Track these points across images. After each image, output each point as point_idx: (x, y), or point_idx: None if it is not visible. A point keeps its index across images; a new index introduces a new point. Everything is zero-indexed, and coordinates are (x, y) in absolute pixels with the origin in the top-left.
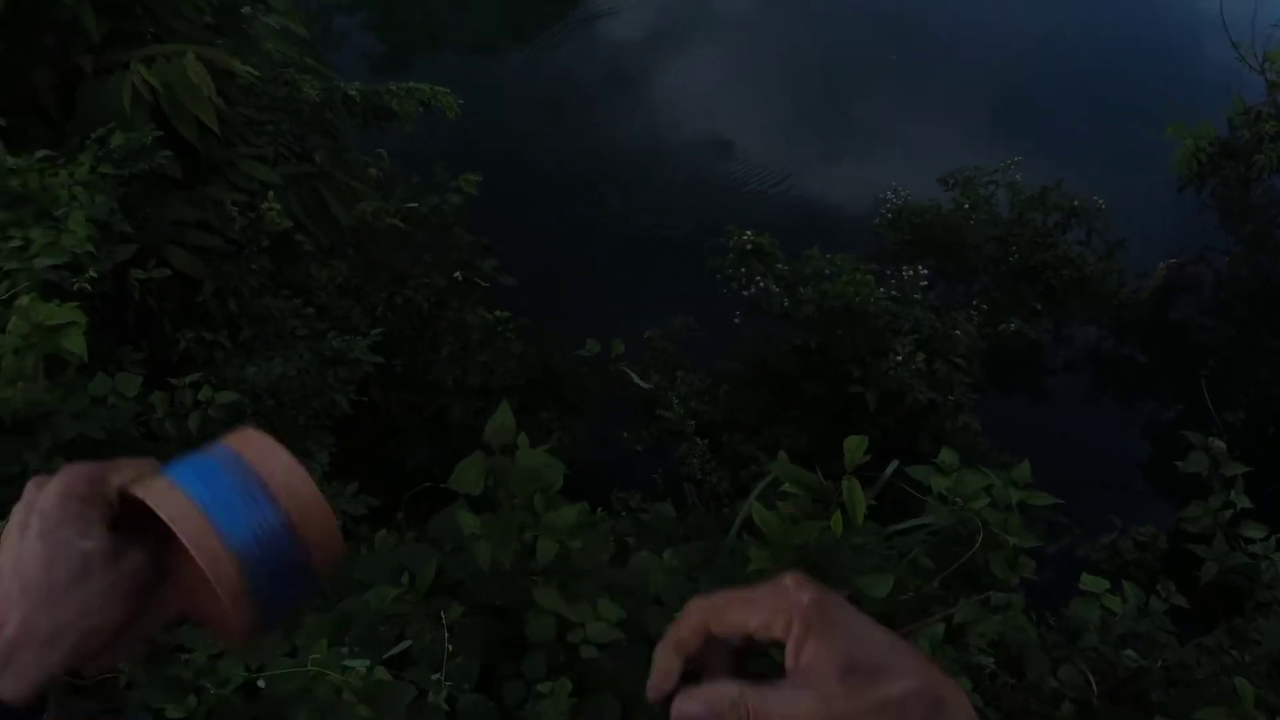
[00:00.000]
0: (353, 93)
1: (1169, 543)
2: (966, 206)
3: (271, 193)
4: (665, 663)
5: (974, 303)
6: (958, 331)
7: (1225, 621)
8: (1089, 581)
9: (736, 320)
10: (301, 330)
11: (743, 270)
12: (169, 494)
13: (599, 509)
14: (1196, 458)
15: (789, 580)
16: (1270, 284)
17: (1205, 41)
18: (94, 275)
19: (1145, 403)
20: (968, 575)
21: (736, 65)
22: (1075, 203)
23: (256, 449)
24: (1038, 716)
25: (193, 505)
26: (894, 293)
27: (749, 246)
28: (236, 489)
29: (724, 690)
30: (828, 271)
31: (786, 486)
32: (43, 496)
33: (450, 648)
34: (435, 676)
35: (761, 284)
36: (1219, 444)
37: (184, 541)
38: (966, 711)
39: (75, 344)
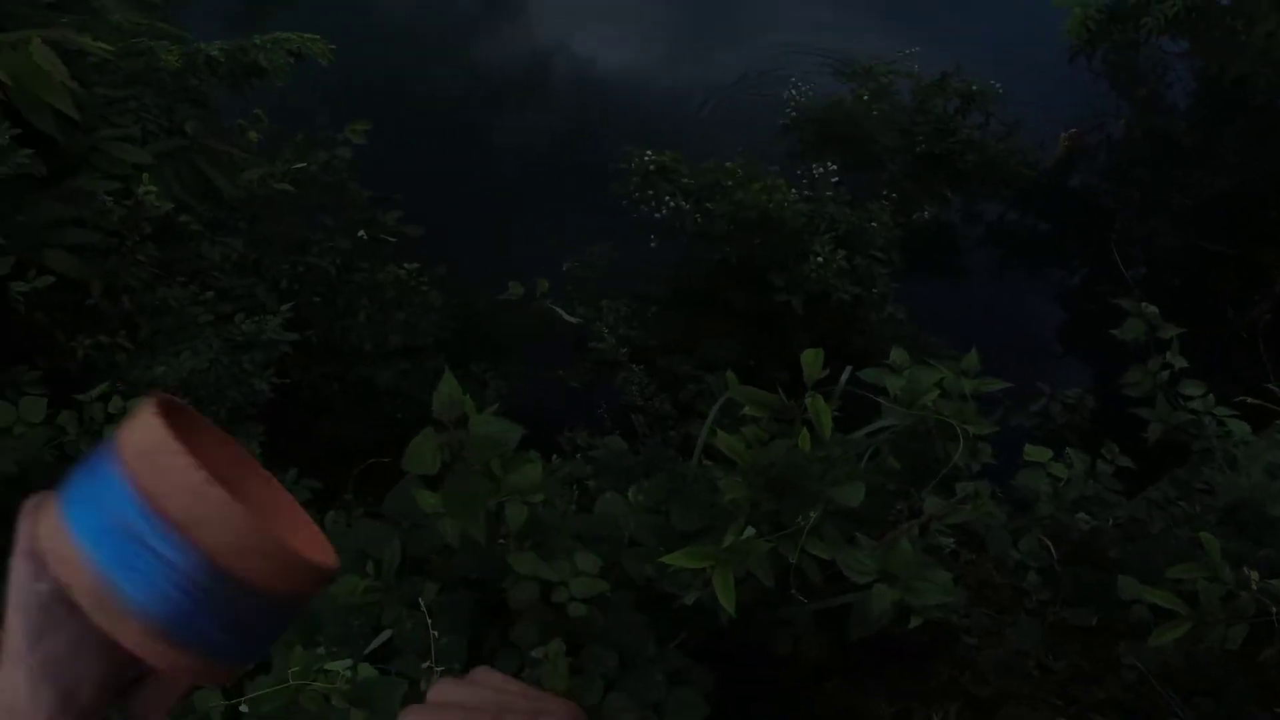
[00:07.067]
0: (215, 53)
1: (1096, 403)
2: (866, 98)
3: (146, 174)
4: None
5: (884, 193)
6: (874, 224)
7: (1169, 474)
8: (1032, 452)
9: (653, 244)
10: (204, 318)
11: (650, 192)
12: (61, 545)
13: (553, 455)
14: (1133, 324)
15: None
16: (1164, 143)
17: None
18: None
19: (1054, 270)
20: (931, 468)
21: None
22: (974, 88)
23: (134, 443)
24: (1005, 589)
25: (82, 561)
26: (807, 193)
27: (651, 167)
28: (130, 529)
29: None
30: (729, 183)
31: (747, 409)
32: (13, 539)
33: (435, 633)
34: (425, 664)
35: (671, 204)
36: (1152, 309)
37: (82, 607)
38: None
39: None
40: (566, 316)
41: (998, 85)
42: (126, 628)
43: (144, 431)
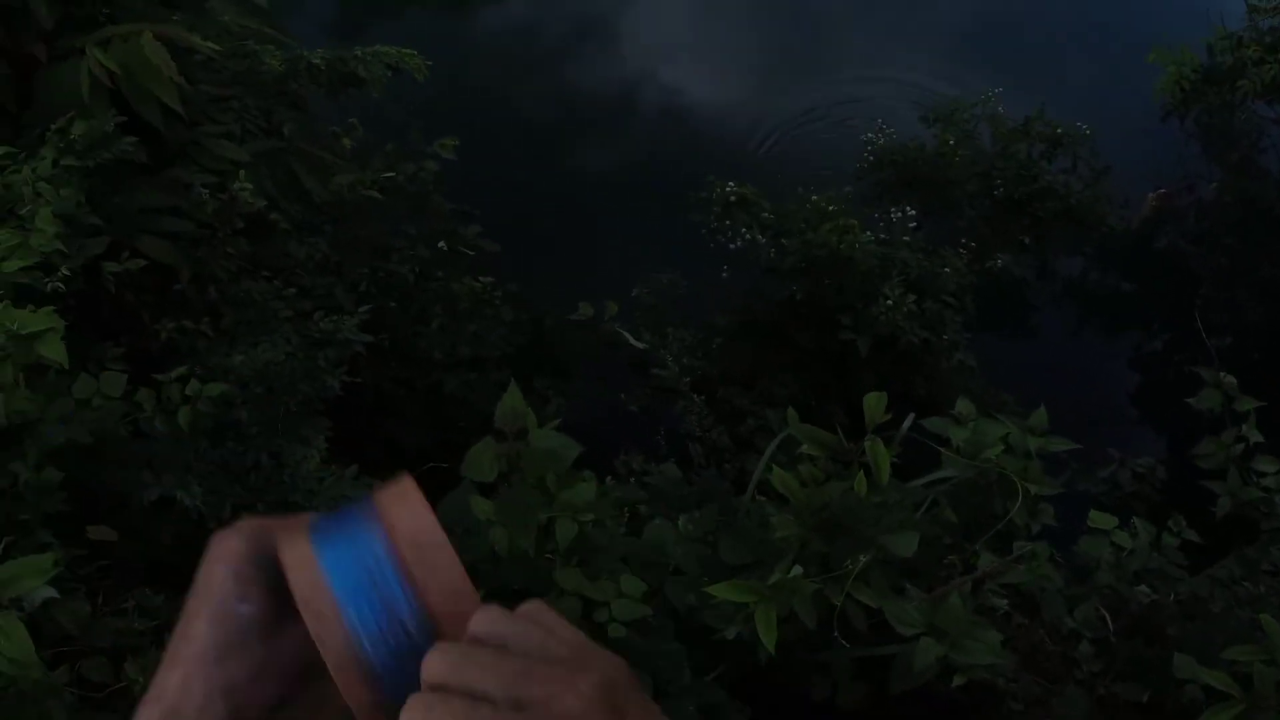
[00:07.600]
0: (317, 61)
1: (1166, 473)
2: (951, 143)
3: (242, 171)
4: None
5: (962, 240)
6: (946, 270)
7: (1236, 551)
8: (1098, 519)
9: (724, 275)
10: (285, 313)
11: (727, 223)
12: (318, 597)
13: (607, 477)
14: (1209, 394)
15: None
16: (1256, 211)
17: None
18: (67, 274)
19: (1133, 333)
20: (988, 524)
21: (705, 6)
22: (1059, 130)
23: (407, 526)
24: (1056, 657)
25: (339, 621)
26: (882, 235)
27: (732, 198)
28: (394, 611)
29: None
30: (805, 221)
31: (805, 448)
32: (214, 552)
33: None
34: None
35: (748, 235)
36: (1230, 379)
37: (326, 660)
38: None
39: (54, 351)
40: (633, 341)
41: (1085, 128)
42: (360, 695)
43: (414, 516)
